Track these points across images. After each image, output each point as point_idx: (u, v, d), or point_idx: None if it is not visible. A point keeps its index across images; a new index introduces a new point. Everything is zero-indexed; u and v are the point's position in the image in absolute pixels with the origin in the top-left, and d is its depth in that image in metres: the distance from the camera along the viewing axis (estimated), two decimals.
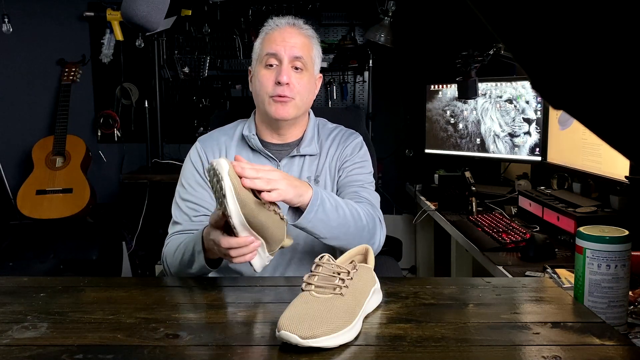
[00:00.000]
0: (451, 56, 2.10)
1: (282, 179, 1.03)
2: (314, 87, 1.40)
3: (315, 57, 1.37)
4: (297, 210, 1.12)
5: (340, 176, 1.38)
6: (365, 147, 1.44)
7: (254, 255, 1.02)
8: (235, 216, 0.95)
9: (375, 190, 1.41)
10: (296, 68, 1.32)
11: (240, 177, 0.97)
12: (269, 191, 1.00)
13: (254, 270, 1.04)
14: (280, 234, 1.03)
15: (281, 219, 1.02)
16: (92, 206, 2.91)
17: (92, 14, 3.17)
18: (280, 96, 1.30)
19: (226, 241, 1.00)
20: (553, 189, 1.95)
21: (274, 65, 1.31)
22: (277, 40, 1.32)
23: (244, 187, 0.96)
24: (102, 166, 3.30)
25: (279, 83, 1.29)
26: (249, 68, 1.41)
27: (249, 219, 0.97)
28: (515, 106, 2.39)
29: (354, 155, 1.39)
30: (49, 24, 3.24)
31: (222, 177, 0.94)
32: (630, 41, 0.27)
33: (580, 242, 0.98)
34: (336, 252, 1.38)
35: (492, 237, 1.70)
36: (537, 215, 1.81)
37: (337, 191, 1.38)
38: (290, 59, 1.31)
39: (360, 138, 1.44)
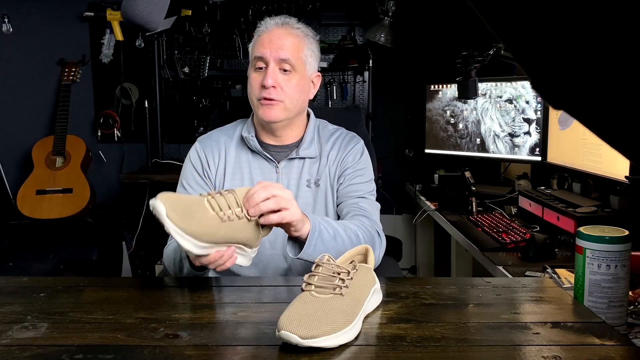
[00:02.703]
0: (451, 56, 2.10)
1: (292, 200, 1.04)
2: (307, 87, 1.37)
3: (306, 57, 1.35)
4: (296, 241, 1.12)
5: (340, 183, 1.37)
6: (366, 153, 1.43)
7: (234, 260, 1.01)
8: (196, 249, 0.93)
9: (375, 190, 1.41)
10: (284, 70, 1.31)
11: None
12: (279, 210, 1.00)
13: (242, 266, 1.04)
14: (251, 233, 1.01)
15: (248, 220, 0.99)
16: (92, 206, 2.91)
17: (92, 14, 3.17)
18: (266, 99, 1.29)
19: (198, 261, 1.00)
20: (553, 189, 1.95)
21: (262, 68, 1.31)
22: (265, 43, 1.31)
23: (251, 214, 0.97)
24: (102, 166, 3.30)
25: (264, 86, 1.29)
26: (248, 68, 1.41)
27: (210, 241, 0.95)
28: (515, 106, 2.39)
29: (356, 163, 1.38)
30: (49, 24, 3.24)
31: (164, 223, 0.90)
32: (630, 41, 0.27)
33: (580, 242, 0.98)
34: None
35: (492, 237, 1.70)
36: (537, 215, 1.81)
37: (337, 198, 1.37)
38: (276, 61, 1.30)
39: (362, 142, 1.43)
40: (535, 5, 0.28)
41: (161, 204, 0.90)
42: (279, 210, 1.01)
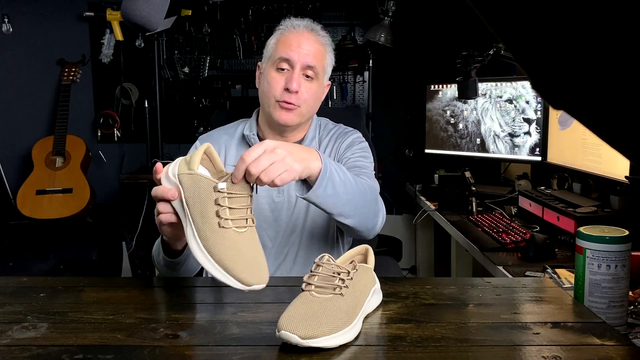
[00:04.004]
0: (451, 56, 2.10)
1: (281, 161, 0.93)
2: (322, 95, 1.38)
3: (327, 67, 1.35)
4: (305, 182, 1.04)
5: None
6: (365, 142, 1.41)
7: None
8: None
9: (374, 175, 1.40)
10: (307, 76, 1.30)
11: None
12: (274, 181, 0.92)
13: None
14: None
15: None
16: (92, 206, 2.91)
17: (92, 14, 3.17)
18: (286, 102, 1.28)
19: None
20: (553, 189, 1.96)
21: (285, 70, 1.29)
22: (293, 45, 1.29)
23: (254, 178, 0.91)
24: (102, 166, 3.30)
25: (287, 89, 1.27)
26: (259, 63, 1.39)
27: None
28: (515, 106, 2.39)
29: (353, 147, 1.36)
30: (49, 24, 3.24)
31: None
32: (630, 41, 0.27)
33: (580, 242, 0.98)
34: (338, 249, 1.37)
35: (492, 237, 1.70)
36: (537, 215, 1.81)
37: None
38: (302, 66, 1.29)
39: (359, 134, 1.42)
40: (535, 5, 0.28)
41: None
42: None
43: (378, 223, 1.21)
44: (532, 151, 2.32)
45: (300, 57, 1.28)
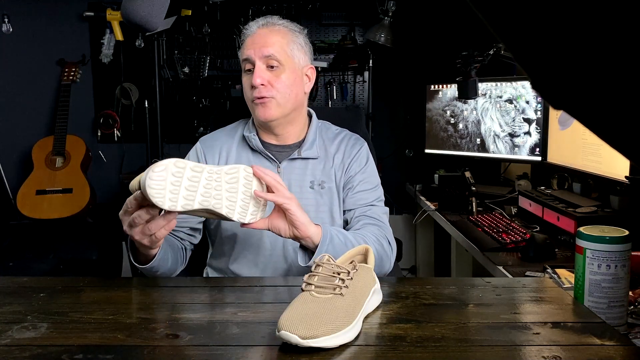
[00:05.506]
0: (451, 56, 2.10)
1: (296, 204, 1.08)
2: (299, 81, 1.35)
3: (293, 50, 1.33)
4: (306, 251, 1.14)
5: (349, 188, 1.36)
6: (371, 157, 1.43)
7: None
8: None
9: (382, 193, 1.41)
10: (271, 67, 1.30)
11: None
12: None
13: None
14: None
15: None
16: (92, 206, 2.91)
17: (92, 14, 3.17)
18: (258, 98, 1.30)
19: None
20: (553, 189, 1.96)
21: (251, 70, 1.31)
22: (249, 45, 1.32)
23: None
24: (102, 166, 3.30)
25: (254, 86, 1.29)
26: None
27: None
28: (515, 106, 2.39)
29: (362, 169, 1.38)
30: (49, 24, 3.24)
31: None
32: (630, 41, 0.27)
33: (580, 242, 0.98)
34: None
35: (492, 237, 1.70)
36: (537, 215, 1.81)
37: (344, 204, 1.37)
38: (261, 59, 1.30)
39: (366, 145, 1.43)
40: (535, 5, 0.28)
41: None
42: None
43: (386, 267, 1.28)
44: (532, 151, 2.32)
45: (256, 51, 1.30)
